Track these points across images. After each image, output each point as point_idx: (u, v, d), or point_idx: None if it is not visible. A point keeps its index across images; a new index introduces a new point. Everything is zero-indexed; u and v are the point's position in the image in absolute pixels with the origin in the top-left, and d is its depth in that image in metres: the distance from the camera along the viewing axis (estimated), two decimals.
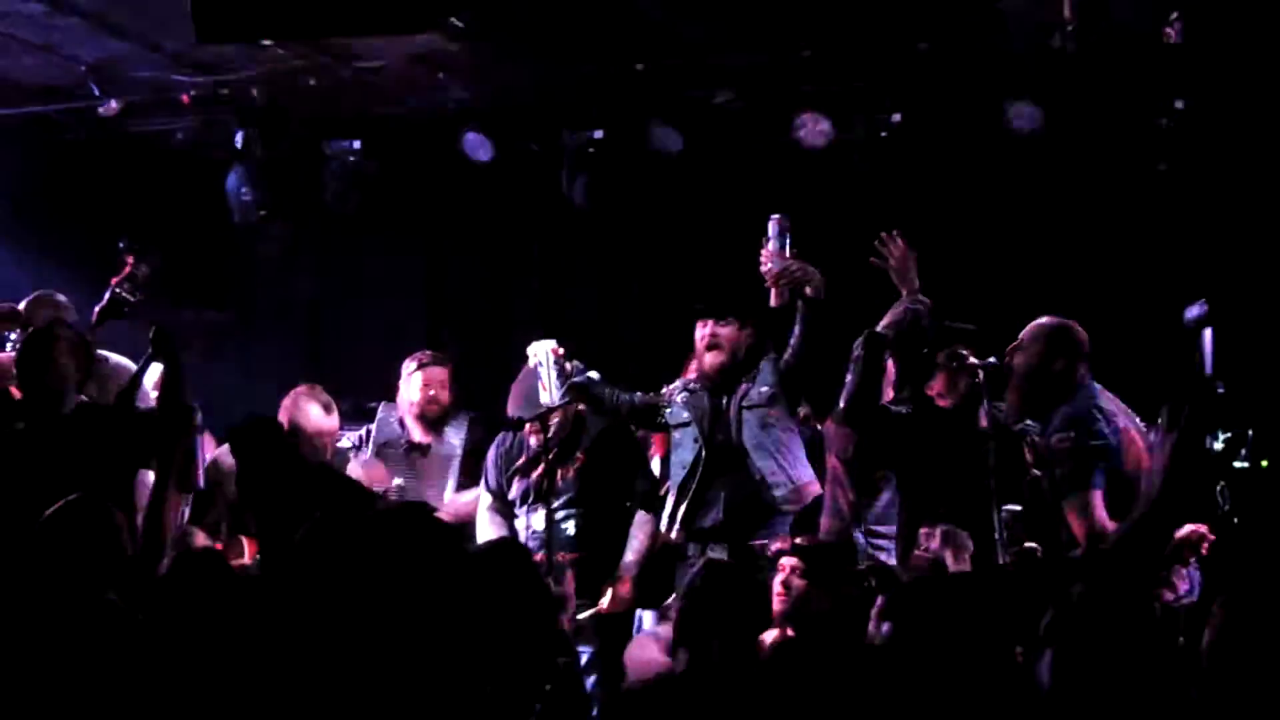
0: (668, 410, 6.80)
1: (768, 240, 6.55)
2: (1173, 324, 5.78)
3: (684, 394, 6.78)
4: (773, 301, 6.57)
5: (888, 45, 7.91)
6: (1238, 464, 5.16)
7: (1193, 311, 3.42)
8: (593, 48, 7.88)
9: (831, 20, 7.59)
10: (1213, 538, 5.52)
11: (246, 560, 6.33)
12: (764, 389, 6.63)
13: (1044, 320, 5.85)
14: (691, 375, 6.89)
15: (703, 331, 6.71)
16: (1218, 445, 4.05)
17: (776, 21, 7.64)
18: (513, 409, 6.76)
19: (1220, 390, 3.15)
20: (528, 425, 6.69)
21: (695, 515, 6.61)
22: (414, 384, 7.38)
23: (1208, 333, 3.53)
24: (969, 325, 6.37)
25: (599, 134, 8.80)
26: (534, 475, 6.74)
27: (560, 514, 6.70)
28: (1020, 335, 5.86)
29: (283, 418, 6.57)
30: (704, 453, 6.61)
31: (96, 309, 6.41)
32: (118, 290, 6.23)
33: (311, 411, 6.58)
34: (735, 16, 7.59)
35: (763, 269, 6.56)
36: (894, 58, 8.05)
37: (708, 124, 8.72)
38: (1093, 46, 7.57)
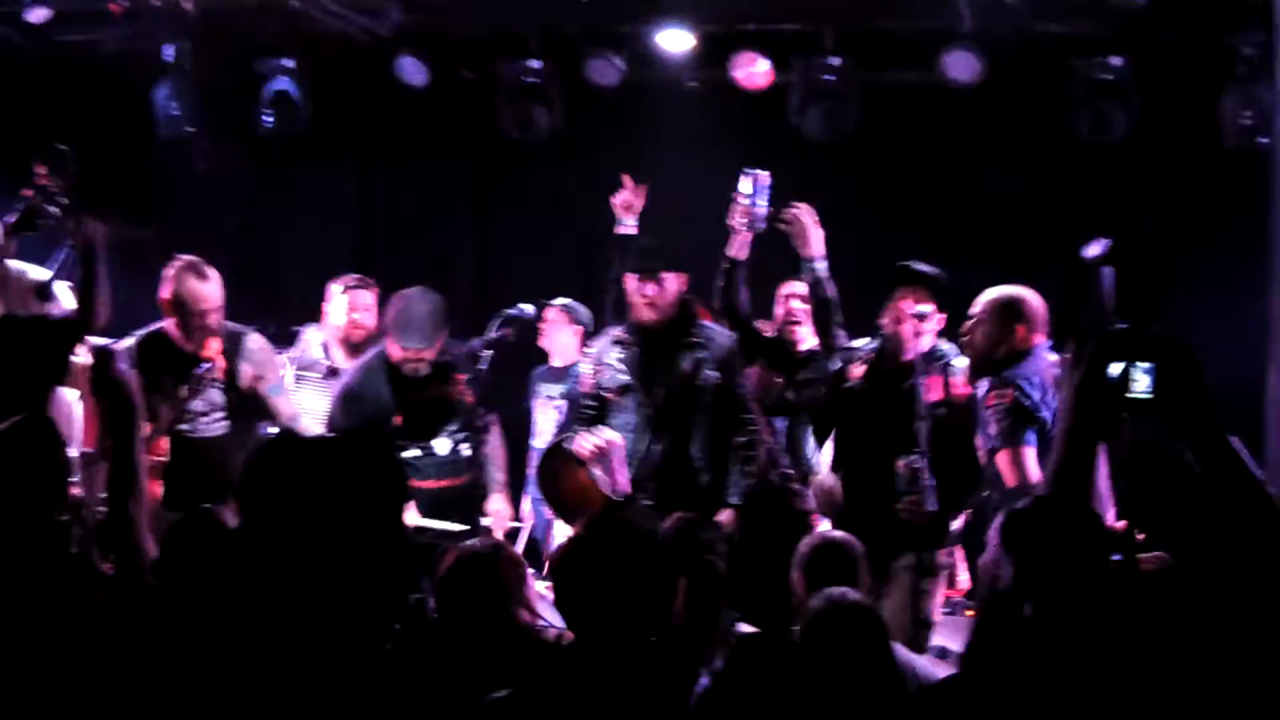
0: (604, 380, 6.46)
1: (743, 196, 6.34)
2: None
3: (618, 350, 6.48)
4: (736, 251, 6.42)
5: None
6: (1134, 395, 5.21)
7: (1093, 250, 3.47)
8: None
9: None
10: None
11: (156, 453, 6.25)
12: (713, 373, 6.40)
13: (998, 292, 5.76)
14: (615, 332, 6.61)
15: (639, 288, 6.36)
16: (1113, 373, 4.11)
17: None
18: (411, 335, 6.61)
19: (1122, 326, 3.17)
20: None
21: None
22: (339, 307, 7.29)
23: (1108, 270, 3.59)
24: (932, 269, 6.32)
25: (537, 64, 8.72)
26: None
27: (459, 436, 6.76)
28: (976, 309, 5.81)
29: (165, 293, 6.42)
30: (651, 412, 6.36)
31: (7, 220, 6.26)
32: (30, 203, 6.06)
33: (188, 281, 6.43)
34: None
35: (731, 221, 6.39)
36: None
37: (646, 59, 8.66)
38: None
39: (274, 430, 6.56)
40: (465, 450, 6.78)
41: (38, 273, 6.33)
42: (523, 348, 7.43)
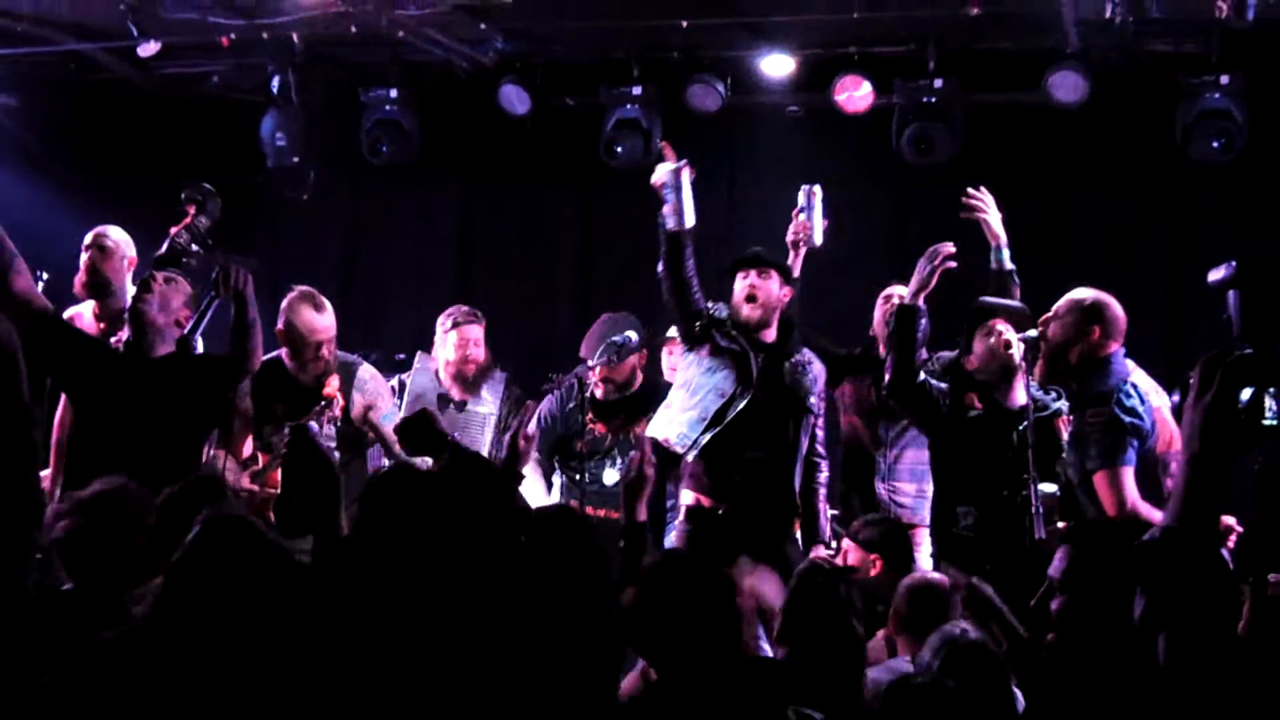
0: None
1: (800, 210, 6.50)
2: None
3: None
4: (794, 263, 6.52)
5: (935, 8, 7.84)
6: (1267, 422, 5.11)
7: (1218, 274, 3.39)
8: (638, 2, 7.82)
9: None
10: (1239, 529, 5.48)
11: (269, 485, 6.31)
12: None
13: (1081, 293, 5.76)
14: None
15: (743, 282, 6.42)
16: (1244, 399, 4.03)
17: None
18: (586, 350, 6.80)
19: (1249, 351, 3.09)
20: (593, 368, 6.70)
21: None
22: (449, 342, 7.29)
23: (1233, 294, 3.50)
24: (1011, 302, 6.29)
25: (638, 90, 8.73)
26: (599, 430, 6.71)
27: None
28: (1056, 305, 5.79)
29: (279, 323, 6.52)
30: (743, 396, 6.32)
31: (154, 256, 6.37)
32: (177, 241, 6.15)
33: (303, 312, 6.48)
34: None
35: (791, 238, 6.53)
36: (941, 21, 7.96)
37: (747, 84, 8.66)
38: (1144, 19, 7.49)
39: (387, 460, 6.62)
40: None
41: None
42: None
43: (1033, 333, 6.05)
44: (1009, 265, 6.40)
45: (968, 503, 5.99)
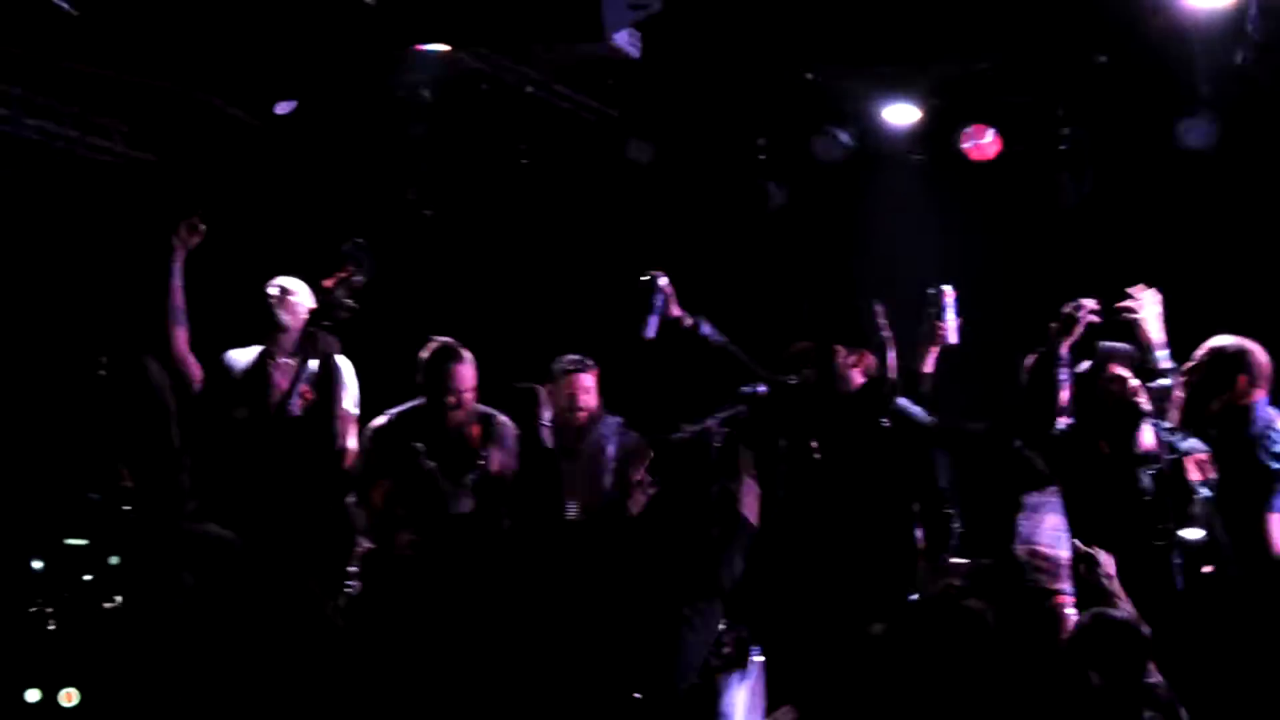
0: None
1: (934, 311, 6.55)
2: None
3: None
4: (925, 366, 6.63)
5: (1064, 57, 7.84)
6: None
7: None
8: (766, 56, 7.89)
9: (1008, 31, 7.55)
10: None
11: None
12: None
13: (1224, 340, 5.76)
14: None
15: None
16: None
17: (952, 31, 7.61)
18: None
19: None
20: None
21: None
22: (558, 389, 7.19)
23: None
24: (1127, 346, 6.28)
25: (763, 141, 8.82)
26: None
27: None
28: (1197, 352, 5.79)
29: (419, 374, 6.60)
30: None
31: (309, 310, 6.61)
32: (332, 296, 6.31)
33: (448, 364, 6.52)
34: (909, 25, 7.58)
35: (924, 338, 6.57)
36: (1069, 70, 7.96)
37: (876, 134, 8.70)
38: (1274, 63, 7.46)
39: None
40: None
41: None
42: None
43: (1166, 381, 6.05)
44: (1167, 365, 6.22)
45: (1105, 549, 5.96)
